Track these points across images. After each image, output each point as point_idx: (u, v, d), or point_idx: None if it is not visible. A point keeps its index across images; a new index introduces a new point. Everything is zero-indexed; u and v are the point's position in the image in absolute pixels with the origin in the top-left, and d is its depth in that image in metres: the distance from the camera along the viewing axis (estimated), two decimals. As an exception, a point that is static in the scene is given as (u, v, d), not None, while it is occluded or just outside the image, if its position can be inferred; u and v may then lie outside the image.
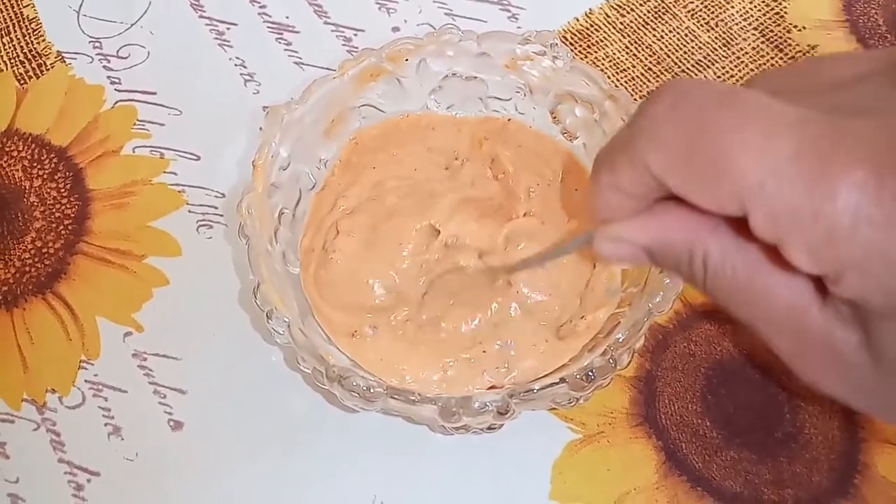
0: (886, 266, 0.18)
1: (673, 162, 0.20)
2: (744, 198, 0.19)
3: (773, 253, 0.20)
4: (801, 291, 0.21)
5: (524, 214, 0.37)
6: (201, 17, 0.50)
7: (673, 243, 0.22)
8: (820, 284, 0.20)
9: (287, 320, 0.32)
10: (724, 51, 0.47)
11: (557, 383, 0.30)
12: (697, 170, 0.20)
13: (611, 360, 0.30)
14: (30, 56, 0.49)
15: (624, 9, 0.49)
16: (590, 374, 0.30)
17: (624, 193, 0.23)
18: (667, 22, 0.49)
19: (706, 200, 0.20)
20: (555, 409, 0.36)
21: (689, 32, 0.48)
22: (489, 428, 0.34)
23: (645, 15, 0.49)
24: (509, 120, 0.41)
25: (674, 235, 0.22)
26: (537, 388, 0.30)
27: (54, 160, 0.45)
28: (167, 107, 0.47)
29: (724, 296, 0.22)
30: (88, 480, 0.37)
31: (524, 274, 0.35)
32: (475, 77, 0.40)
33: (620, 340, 0.31)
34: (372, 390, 0.30)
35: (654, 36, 0.48)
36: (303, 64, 0.48)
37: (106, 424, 0.38)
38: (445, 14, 0.50)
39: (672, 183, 0.21)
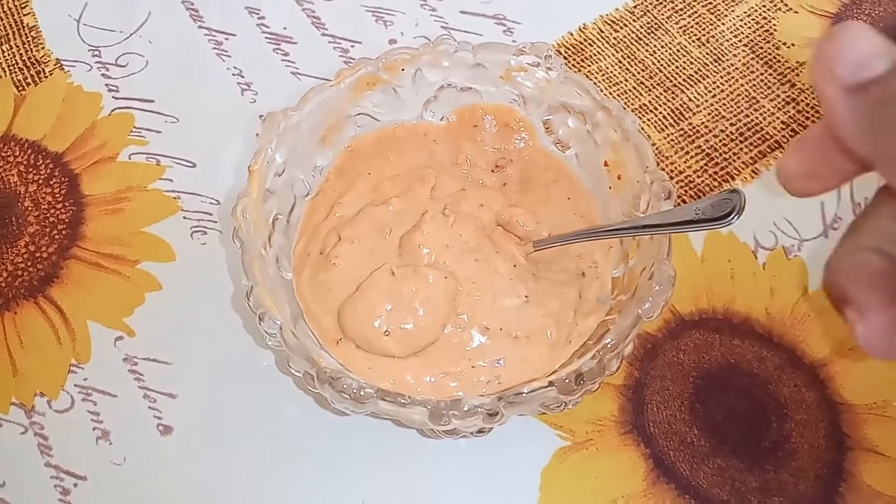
0: None
1: None
2: None
3: None
4: None
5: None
6: (200, 27, 0.51)
7: None
8: None
9: (279, 322, 0.32)
10: (715, 66, 0.48)
11: (546, 387, 0.30)
12: None
13: (600, 365, 0.31)
14: (29, 63, 0.50)
15: (617, 24, 0.50)
16: (579, 377, 0.30)
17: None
18: (659, 38, 0.49)
19: None
20: (544, 414, 0.36)
21: (681, 48, 0.49)
22: (479, 432, 0.34)
23: (638, 30, 0.50)
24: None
25: None
26: (526, 391, 0.30)
27: (50, 166, 0.46)
28: (164, 114, 0.47)
29: None
30: (75, 485, 0.37)
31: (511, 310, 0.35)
32: (470, 87, 0.40)
33: (609, 345, 0.31)
34: (363, 392, 0.30)
35: (647, 51, 0.49)
36: (300, 74, 0.49)
37: (94, 429, 0.38)
38: (442, 27, 0.50)
39: None
